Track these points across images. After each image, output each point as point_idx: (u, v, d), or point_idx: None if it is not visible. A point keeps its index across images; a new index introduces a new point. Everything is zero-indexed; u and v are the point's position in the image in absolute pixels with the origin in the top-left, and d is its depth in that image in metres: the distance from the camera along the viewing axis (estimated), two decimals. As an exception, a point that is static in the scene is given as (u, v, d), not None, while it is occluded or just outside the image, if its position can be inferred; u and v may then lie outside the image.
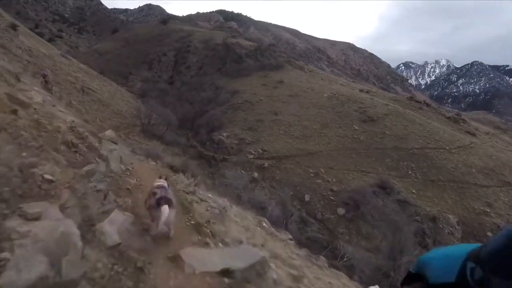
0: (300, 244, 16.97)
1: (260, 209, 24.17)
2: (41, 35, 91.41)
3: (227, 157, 48.42)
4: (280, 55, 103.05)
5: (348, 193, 38.20)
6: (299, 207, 37.32)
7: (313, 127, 55.15)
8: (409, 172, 43.83)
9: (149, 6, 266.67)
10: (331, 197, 38.85)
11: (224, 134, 53.12)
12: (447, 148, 49.23)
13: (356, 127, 53.52)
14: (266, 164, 46.67)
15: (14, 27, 43.71)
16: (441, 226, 34.87)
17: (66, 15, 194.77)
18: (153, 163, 14.37)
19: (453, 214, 37.04)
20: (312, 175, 43.33)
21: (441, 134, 52.96)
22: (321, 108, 61.69)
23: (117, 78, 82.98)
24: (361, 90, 77.71)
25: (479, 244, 1.44)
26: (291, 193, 39.39)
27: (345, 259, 24.03)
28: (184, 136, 58.27)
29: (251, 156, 48.32)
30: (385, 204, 36.36)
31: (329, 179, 42.12)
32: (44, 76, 31.75)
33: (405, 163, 45.15)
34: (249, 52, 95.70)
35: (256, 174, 44.51)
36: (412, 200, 38.07)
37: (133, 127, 51.32)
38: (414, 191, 40.21)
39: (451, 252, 1.55)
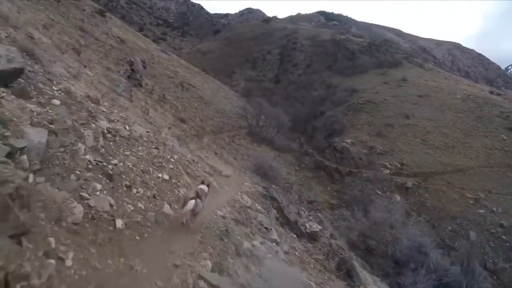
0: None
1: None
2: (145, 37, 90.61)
3: (354, 170, 38.06)
4: (396, 52, 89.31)
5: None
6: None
7: (453, 135, 44.09)
8: None
9: (249, 10, 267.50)
10: (502, 236, 27.99)
11: (348, 141, 42.55)
12: None
13: (505, 137, 41.46)
14: (409, 184, 35.43)
15: (102, 12, 38.39)
16: None
17: (170, 20, 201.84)
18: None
19: None
20: (471, 201, 32.55)
21: None
22: (458, 112, 50.14)
23: (220, 77, 77.83)
24: (491, 92, 64.25)
25: None
26: (449, 228, 29.28)
27: None
28: (295, 140, 49.23)
29: (387, 172, 37.14)
30: None
31: (494, 209, 31.25)
32: (130, 63, 25.09)
33: None
34: (362, 48, 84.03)
35: (398, 198, 33.34)
36: None
37: (238, 129, 43.79)
38: None
39: None
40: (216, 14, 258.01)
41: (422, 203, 32.85)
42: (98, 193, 5.00)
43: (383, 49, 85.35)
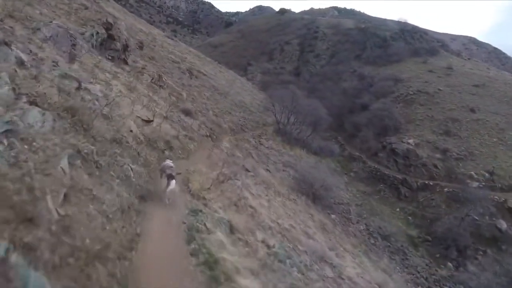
0: None
1: None
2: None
3: (430, 182, 26.60)
4: (431, 39, 77.33)
5: None
6: None
7: (534, 132, 32.95)
8: None
9: (259, 8, 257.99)
10: None
11: (411, 141, 30.94)
12: None
13: None
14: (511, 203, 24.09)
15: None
16: None
17: (180, 19, 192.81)
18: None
19: None
20: None
21: None
22: (526, 104, 40.90)
23: (234, 70, 66.55)
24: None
25: None
26: None
27: None
28: (331, 140, 37.85)
29: (475, 185, 25.56)
30: None
31: None
32: (107, 27, 14.56)
33: None
34: (394, 35, 72.15)
35: (504, 225, 22.12)
36: None
37: (263, 127, 32.62)
38: None
39: None
40: (226, 12, 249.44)
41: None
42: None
43: (417, 36, 73.29)
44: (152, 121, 11.14)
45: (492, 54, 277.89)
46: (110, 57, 16.47)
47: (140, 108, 11.21)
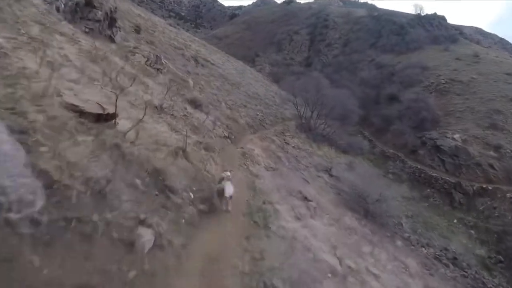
0: None
1: None
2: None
3: (488, 187, 21.78)
4: (448, 26, 71.93)
5: None
6: None
7: None
8: None
9: (263, 1, 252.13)
10: None
11: (457, 136, 26.07)
12: None
13: None
14: None
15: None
16: None
17: (182, 14, 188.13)
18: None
19: None
20: None
21: None
22: None
23: (242, 62, 61.53)
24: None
25: None
26: None
27: None
28: (356, 135, 33.00)
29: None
30: None
31: None
32: None
33: None
34: (411, 21, 66.66)
35: None
36: None
37: (283, 121, 27.71)
38: None
39: None
40: (229, 6, 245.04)
41: None
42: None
43: (436, 23, 67.69)
44: (107, 115, 5.22)
45: (499, 45, 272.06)
46: (87, 29, 11.72)
47: (96, 91, 6.04)
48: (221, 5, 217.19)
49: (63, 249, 3.04)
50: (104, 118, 5.05)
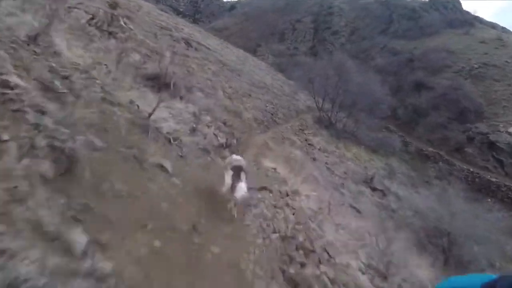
0: None
1: None
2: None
3: None
4: (463, 10, 66.54)
5: None
6: None
7: None
8: None
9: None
10: None
11: (512, 130, 20.96)
12: None
13: None
14: None
15: None
16: None
17: (181, 9, 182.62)
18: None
19: None
20: None
21: None
22: None
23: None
24: None
25: (494, 276, 1.10)
26: None
27: None
28: (381, 130, 27.68)
29: None
30: None
31: None
32: None
33: None
34: (423, 5, 61.35)
35: None
36: None
37: (298, 115, 22.48)
38: None
39: (465, 283, 1.19)
40: (228, 1, 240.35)
41: None
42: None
43: (450, 6, 62.24)
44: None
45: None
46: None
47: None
48: None
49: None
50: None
